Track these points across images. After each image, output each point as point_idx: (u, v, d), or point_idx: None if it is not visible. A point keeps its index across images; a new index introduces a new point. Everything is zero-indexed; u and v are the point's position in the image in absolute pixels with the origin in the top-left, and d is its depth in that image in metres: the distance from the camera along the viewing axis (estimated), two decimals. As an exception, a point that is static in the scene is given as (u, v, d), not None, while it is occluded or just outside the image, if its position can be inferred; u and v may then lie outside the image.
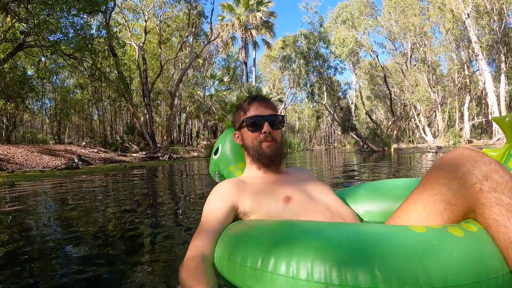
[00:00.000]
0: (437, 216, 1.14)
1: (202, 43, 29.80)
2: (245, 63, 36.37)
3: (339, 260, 0.93)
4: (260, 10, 33.95)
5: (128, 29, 26.71)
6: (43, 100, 34.04)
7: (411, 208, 1.23)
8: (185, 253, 1.29)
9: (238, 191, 1.52)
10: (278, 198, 1.45)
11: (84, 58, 17.64)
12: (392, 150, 22.56)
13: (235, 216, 1.49)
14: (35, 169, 13.40)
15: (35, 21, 12.90)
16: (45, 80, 25.09)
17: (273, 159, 1.67)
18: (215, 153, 2.18)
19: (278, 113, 1.74)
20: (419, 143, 34.85)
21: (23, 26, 14.41)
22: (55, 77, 30.36)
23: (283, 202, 1.43)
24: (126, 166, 12.74)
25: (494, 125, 25.76)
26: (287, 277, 0.97)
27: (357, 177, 6.27)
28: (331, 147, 61.60)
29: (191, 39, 26.65)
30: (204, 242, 1.31)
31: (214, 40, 29.96)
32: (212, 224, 1.38)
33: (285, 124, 1.95)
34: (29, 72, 19.19)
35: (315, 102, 32.05)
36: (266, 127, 1.65)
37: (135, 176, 8.44)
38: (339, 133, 60.69)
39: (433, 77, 35.97)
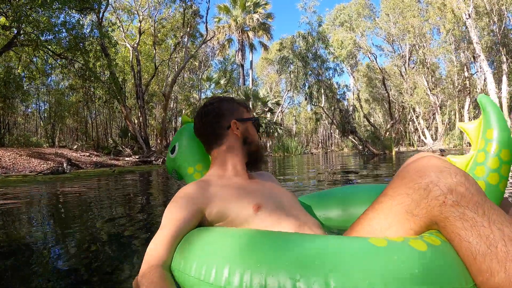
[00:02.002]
0: (399, 227, 1.10)
1: (197, 45, 29.35)
2: (242, 66, 36.11)
3: (294, 275, 0.91)
4: (257, 12, 33.65)
5: (122, 29, 26.31)
6: (38, 103, 33.68)
7: (373, 217, 1.18)
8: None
9: (204, 196, 1.42)
10: (248, 206, 1.39)
11: (75, 58, 17.15)
12: (394, 153, 22.15)
13: (199, 222, 1.39)
14: (21, 173, 12.88)
15: (16, 14, 12.34)
16: (37, 81, 24.79)
17: (259, 164, 1.72)
18: (172, 152, 2.05)
19: None
20: (419, 146, 34.50)
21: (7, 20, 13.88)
22: (50, 79, 30.05)
23: (252, 211, 1.37)
24: (115, 171, 12.16)
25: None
26: None
27: (369, 182, 5.74)
28: (329, 150, 61.23)
29: (186, 40, 26.20)
30: (162, 249, 1.22)
31: (209, 40, 29.50)
32: (172, 230, 1.27)
33: None
34: (20, 73, 18.57)
35: (313, 104, 31.62)
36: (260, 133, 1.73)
37: (123, 181, 7.89)
38: (337, 136, 60.58)
39: (432, 79, 35.65)
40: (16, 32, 14.21)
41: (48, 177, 9.69)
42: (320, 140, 72.18)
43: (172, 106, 38.53)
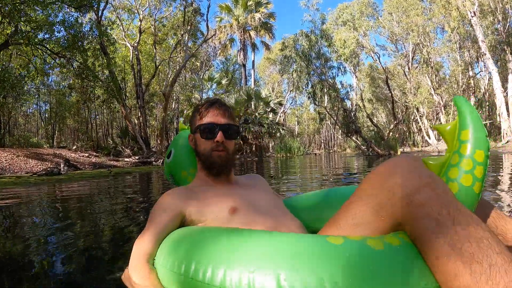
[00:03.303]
0: (365, 227, 1.13)
1: (198, 44, 29.07)
2: (244, 66, 35.73)
3: (248, 267, 0.98)
4: (259, 11, 33.25)
5: (122, 28, 26.09)
6: (38, 103, 33.52)
7: (341, 217, 1.22)
8: None
9: (184, 200, 1.51)
10: (224, 208, 1.47)
11: (73, 57, 16.88)
12: (399, 153, 21.76)
13: (181, 223, 1.48)
14: (17, 174, 12.61)
15: (6, 8, 12.02)
16: (36, 81, 24.52)
17: (222, 169, 1.68)
18: (168, 157, 2.19)
19: (235, 123, 1.76)
20: (424, 146, 34.14)
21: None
22: (50, 80, 29.84)
23: (228, 213, 1.45)
24: (111, 172, 11.85)
25: (503, 127, 25.00)
26: (203, 283, 1.04)
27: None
28: (331, 151, 60.91)
29: (186, 38, 25.90)
30: (147, 247, 1.34)
31: (210, 38, 29.22)
32: (156, 231, 1.39)
33: (240, 134, 1.98)
34: (18, 72, 18.31)
35: (316, 104, 31.30)
36: (219, 136, 1.65)
37: (117, 183, 7.62)
38: (340, 137, 60.28)
39: (436, 79, 35.24)
40: (13, 30, 13.90)
41: (40, 179, 9.35)
42: (322, 141, 71.88)
43: (173, 106, 38.30)
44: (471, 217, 0.96)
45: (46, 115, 33.63)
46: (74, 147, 24.47)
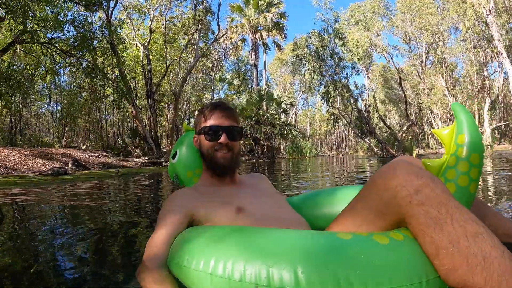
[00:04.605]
0: (369, 224, 1.21)
1: (209, 43, 28.82)
2: (255, 66, 35.44)
3: (267, 262, 1.02)
4: (270, 11, 32.94)
5: (133, 28, 26.00)
6: (49, 103, 33.65)
7: (347, 215, 1.31)
8: None
9: (192, 201, 1.56)
10: (230, 208, 1.51)
11: (82, 56, 16.77)
12: (414, 155, 21.22)
13: (189, 223, 1.51)
14: (24, 173, 12.37)
15: (10, 2, 11.80)
16: (46, 81, 24.55)
17: (226, 170, 1.75)
18: (173, 157, 2.22)
19: (239, 125, 1.80)
20: (439, 148, 33.54)
21: None
22: (62, 80, 29.91)
23: (235, 213, 1.49)
24: (119, 172, 11.57)
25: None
26: (223, 278, 1.07)
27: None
28: (343, 153, 60.43)
29: (197, 37, 25.67)
30: (159, 248, 1.36)
31: (221, 37, 28.93)
32: (166, 232, 1.41)
33: (244, 135, 1.68)
34: (29, 71, 18.25)
35: (329, 105, 30.83)
36: (223, 138, 1.70)
37: (123, 184, 7.36)
38: (352, 138, 59.72)
39: (451, 79, 34.54)
40: (21, 30, 13.73)
41: (44, 179, 9.08)
42: (334, 142, 71.38)
43: (185, 107, 38.19)
44: (467, 214, 1.03)
45: (58, 115, 33.69)
46: (84, 147, 24.40)
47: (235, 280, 1.04)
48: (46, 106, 35.10)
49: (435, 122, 36.16)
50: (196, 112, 2.01)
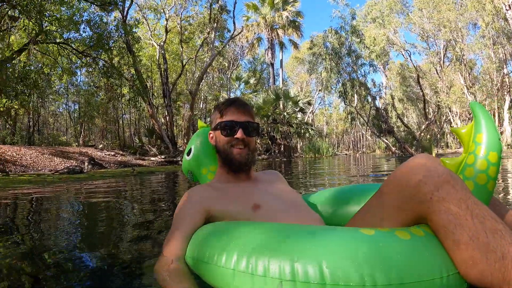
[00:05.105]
0: (391, 220, 1.22)
1: (225, 42, 28.72)
2: (272, 65, 35.26)
3: (292, 257, 1.03)
4: (286, 9, 32.74)
5: (148, 28, 26.06)
6: (67, 103, 34.03)
7: (367, 211, 1.34)
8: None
9: (208, 198, 1.56)
10: (247, 205, 1.52)
11: (98, 56, 16.82)
12: (434, 155, 20.76)
13: (206, 220, 1.51)
14: (40, 171, 12.40)
15: (23, 2, 11.78)
16: (63, 81, 24.77)
17: (242, 167, 1.72)
18: (188, 154, 2.20)
19: (255, 120, 1.79)
20: (458, 148, 32.90)
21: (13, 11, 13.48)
22: (79, 80, 30.18)
23: (251, 210, 1.50)
24: (134, 171, 11.48)
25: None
26: (246, 274, 1.07)
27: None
28: (359, 152, 59.87)
29: (213, 36, 25.57)
30: (177, 244, 1.39)
31: (237, 35, 28.76)
32: (183, 228, 1.44)
33: (260, 131, 1.48)
34: (46, 72, 18.42)
35: (346, 104, 30.47)
36: (239, 133, 1.68)
37: (137, 183, 7.27)
38: (369, 137, 59.11)
39: (470, 77, 33.79)
40: (37, 30, 13.76)
41: (59, 177, 9.03)
42: (351, 141, 70.80)
43: (201, 106, 38.20)
44: (486, 211, 1.04)
45: (75, 115, 34.03)
46: (101, 146, 24.52)
47: (258, 275, 1.05)
48: (64, 105, 35.56)
49: (454, 121, 35.45)
50: (212, 110, 1.92)
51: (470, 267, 0.98)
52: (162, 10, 26.64)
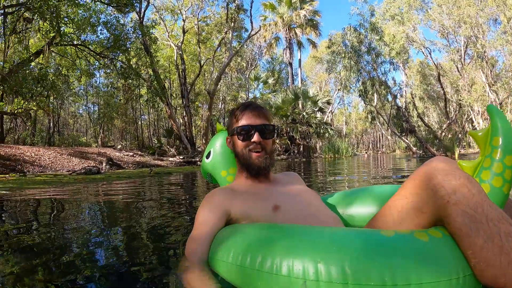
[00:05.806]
0: (409, 222, 1.25)
1: (242, 42, 28.56)
2: (290, 64, 34.99)
3: (315, 258, 1.06)
4: (303, 8, 32.42)
5: (166, 29, 26.10)
6: (87, 104, 34.40)
7: (387, 213, 1.36)
8: None
9: (229, 200, 1.58)
10: (267, 206, 1.55)
11: (116, 58, 16.85)
12: (457, 155, 20.21)
13: (227, 221, 1.54)
14: (58, 172, 12.36)
15: (36, 3, 11.72)
16: (81, 82, 24.97)
17: (261, 171, 1.74)
18: (207, 157, 2.23)
19: (271, 123, 1.80)
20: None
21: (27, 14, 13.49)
22: (98, 82, 30.44)
23: (272, 211, 1.52)
24: (152, 172, 11.35)
25: None
26: (271, 274, 1.10)
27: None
28: (379, 152, 59.15)
29: (230, 36, 25.43)
30: (200, 246, 1.43)
31: (255, 34, 28.54)
32: (206, 230, 1.47)
33: (276, 133, 1.85)
34: (64, 73, 18.58)
35: (366, 103, 29.97)
36: (256, 137, 1.71)
37: (154, 184, 7.16)
38: (389, 137, 58.28)
39: (491, 74, 32.92)
40: (55, 31, 13.76)
41: (74, 178, 8.91)
42: (371, 141, 70.02)
43: (220, 106, 38.14)
44: (501, 214, 1.07)
45: (95, 116, 34.36)
46: (119, 146, 24.60)
47: (283, 275, 1.08)
48: (84, 107, 35.97)
49: (475, 120, 34.61)
50: (228, 116, 1.94)
51: (484, 269, 1.01)
52: (179, 11, 26.61)
